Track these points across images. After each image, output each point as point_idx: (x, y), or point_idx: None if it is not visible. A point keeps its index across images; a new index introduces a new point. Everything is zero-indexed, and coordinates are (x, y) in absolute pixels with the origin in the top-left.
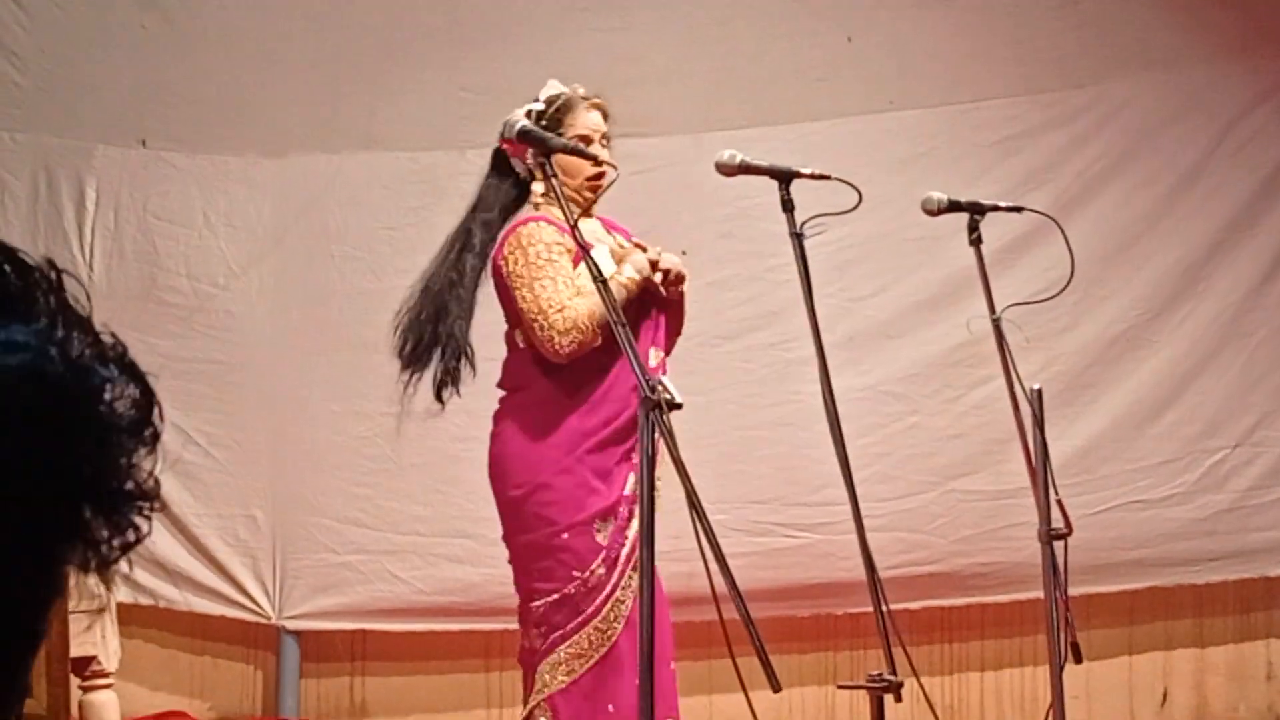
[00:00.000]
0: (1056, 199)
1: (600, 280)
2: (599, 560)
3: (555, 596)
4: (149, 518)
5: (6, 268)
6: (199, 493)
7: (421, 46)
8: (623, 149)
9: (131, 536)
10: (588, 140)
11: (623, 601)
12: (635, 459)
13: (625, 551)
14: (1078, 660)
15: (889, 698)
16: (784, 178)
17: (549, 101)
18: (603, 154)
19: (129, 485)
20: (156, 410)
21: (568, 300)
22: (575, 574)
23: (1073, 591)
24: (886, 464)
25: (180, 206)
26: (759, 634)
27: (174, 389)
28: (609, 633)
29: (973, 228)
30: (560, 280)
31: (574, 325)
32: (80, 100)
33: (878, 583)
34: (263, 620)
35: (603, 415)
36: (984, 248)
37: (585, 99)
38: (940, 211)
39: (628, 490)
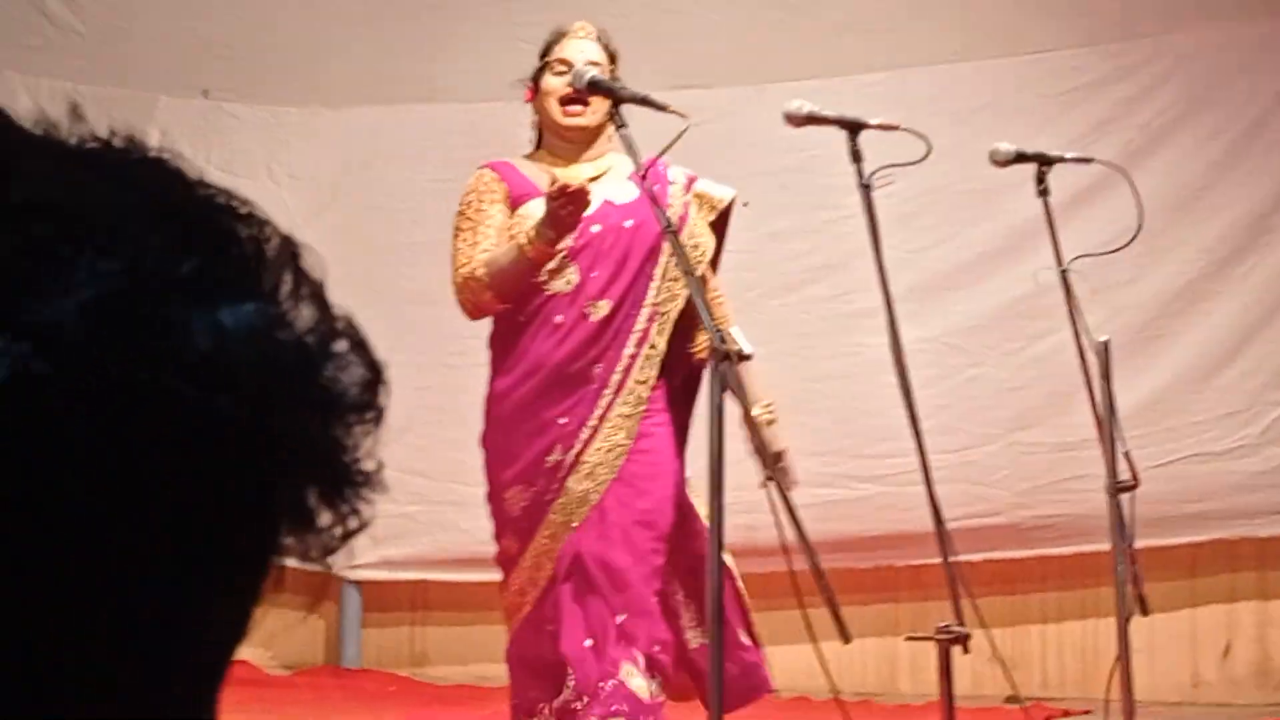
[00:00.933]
0: (1121, 150)
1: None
2: (511, 535)
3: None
4: (371, 502)
5: (242, 233)
6: None
7: None
8: (683, 100)
9: (354, 523)
10: (567, 64)
11: (539, 570)
12: (563, 423)
13: (540, 525)
14: (1145, 612)
15: (955, 649)
16: (852, 128)
17: (547, 38)
18: (672, 103)
19: (353, 468)
20: (384, 389)
21: (467, 258)
22: (500, 541)
23: (1137, 544)
24: (948, 416)
25: (242, 157)
26: (830, 586)
27: None
28: (527, 597)
29: (1040, 179)
30: (473, 234)
31: (463, 283)
32: (143, 51)
33: (945, 535)
34: (324, 570)
35: (516, 376)
36: (1050, 199)
37: (578, 32)
38: (1008, 163)
39: (550, 460)
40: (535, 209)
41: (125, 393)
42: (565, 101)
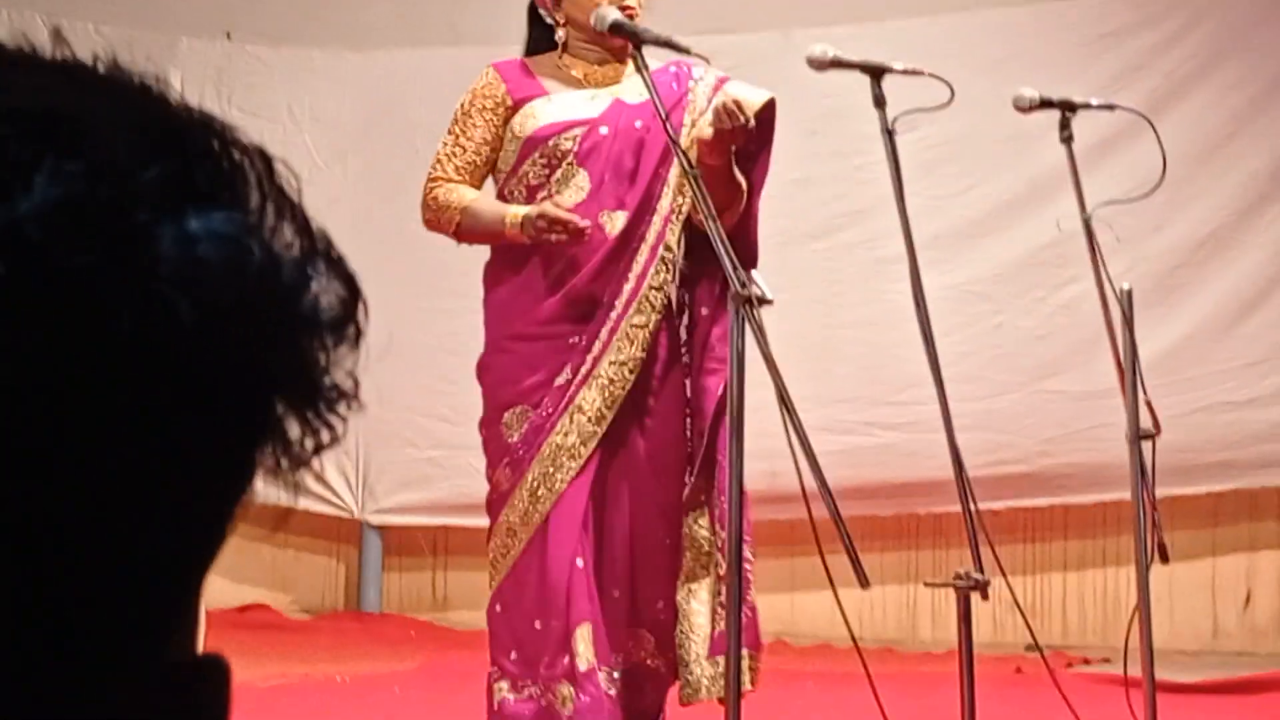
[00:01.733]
0: (1146, 99)
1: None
2: (504, 464)
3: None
4: (345, 418)
5: (216, 147)
6: None
7: None
8: (710, 45)
9: (325, 437)
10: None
11: (536, 503)
12: (577, 342)
13: (533, 453)
14: (1165, 561)
15: (975, 596)
16: (876, 73)
17: None
18: (692, 45)
19: (326, 383)
20: (361, 308)
21: (441, 170)
22: (488, 473)
23: (1158, 493)
24: (972, 364)
25: (265, 100)
26: (849, 532)
27: None
28: (518, 537)
29: (1064, 125)
30: (454, 142)
31: (430, 202)
32: None
33: (966, 482)
34: (346, 515)
35: (528, 292)
36: (1074, 146)
37: None
38: (1032, 108)
39: (559, 380)
40: (537, 112)
41: (83, 294)
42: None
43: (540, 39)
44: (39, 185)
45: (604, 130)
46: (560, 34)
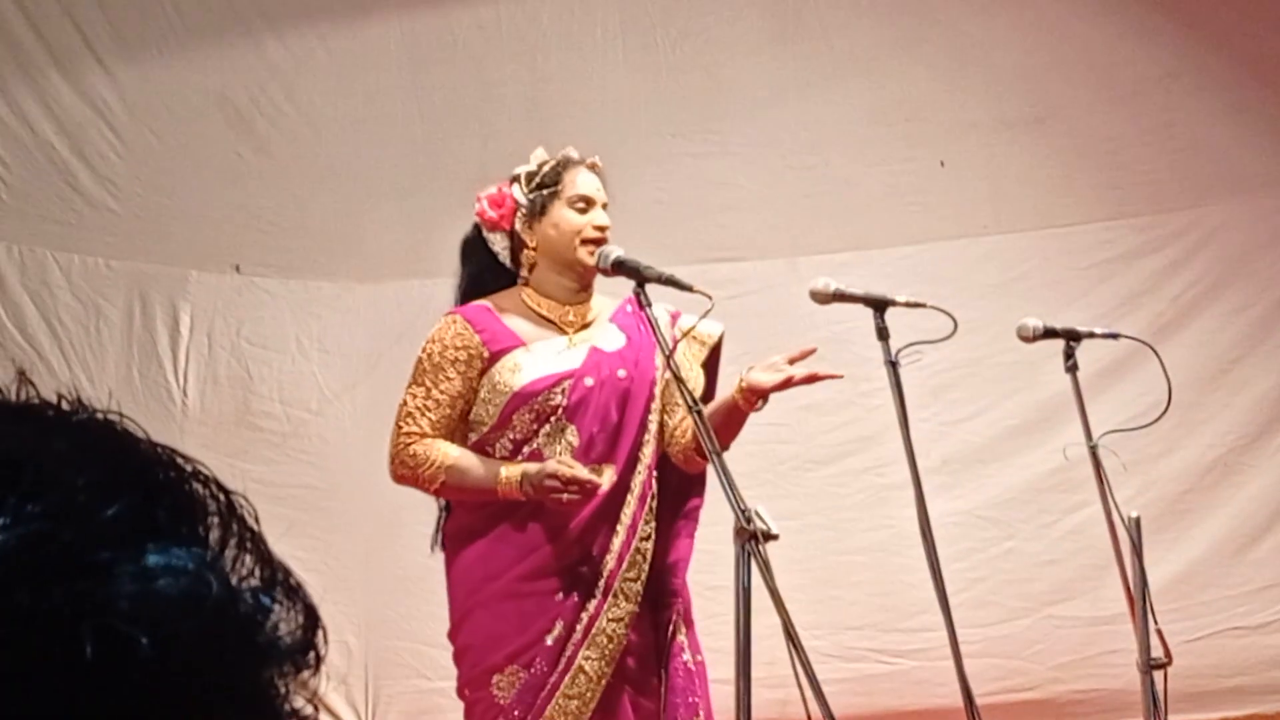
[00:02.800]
0: (1151, 323)
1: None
2: None
3: None
4: None
5: (177, 482)
6: None
7: (513, 172)
8: (716, 273)
9: None
10: (588, 202)
11: None
12: (565, 598)
13: (534, 716)
14: None
15: None
16: (879, 306)
17: (542, 163)
18: (696, 282)
19: (285, 710)
20: (320, 633)
21: (414, 425)
22: None
23: (1170, 719)
24: (982, 589)
25: (274, 332)
26: None
27: (267, 514)
28: None
29: (1069, 354)
30: (425, 395)
31: (402, 450)
32: (174, 226)
33: (975, 713)
34: None
35: (509, 550)
36: (1079, 372)
37: (586, 162)
38: (1036, 338)
39: (550, 639)
40: (521, 365)
41: (45, 632)
42: (589, 242)
43: (485, 274)
44: (0, 527)
45: (589, 382)
46: (525, 259)
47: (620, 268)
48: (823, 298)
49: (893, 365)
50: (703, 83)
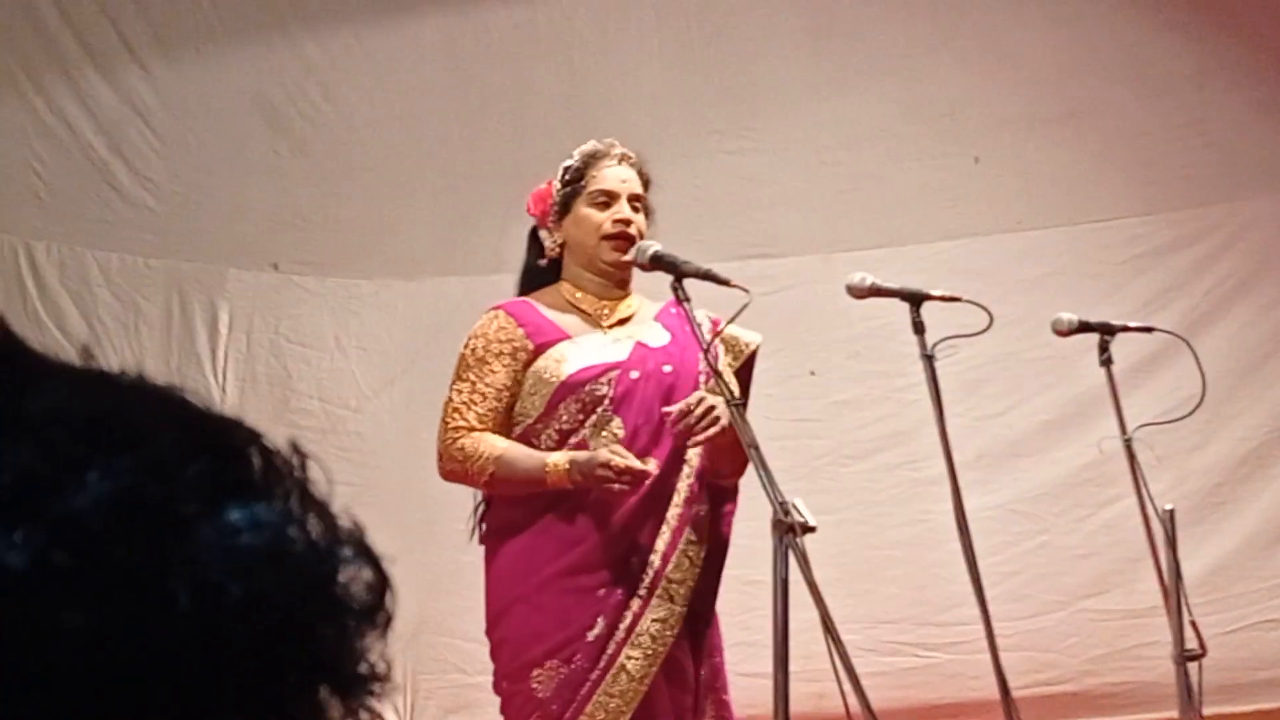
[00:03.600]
0: (1185, 317)
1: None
2: (534, 718)
3: None
4: (381, 700)
5: (251, 448)
6: None
7: (549, 170)
8: (752, 269)
9: (363, 718)
10: (610, 196)
11: None
12: (608, 594)
13: (573, 712)
14: None
15: None
16: (915, 300)
17: (578, 157)
18: (734, 277)
19: (363, 668)
20: (390, 594)
21: (461, 420)
22: None
23: (1205, 711)
24: (1016, 583)
25: (312, 329)
26: None
27: None
28: None
29: (1103, 348)
30: (470, 390)
31: (451, 446)
32: (213, 225)
33: (1011, 706)
34: None
35: (561, 545)
36: (1113, 367)
37: (614, 155)
38: (1070, 332)
39: (592, 635)
40: (567, 356)
41: (143, 581)
42: (611, 238)
43: (534, 268)
44: (92, 481)
45: (634, 375)
46: (551, 249)
47: (658, 262)
48: (859, 293)
49: (928, 359)
50: (737, 80)
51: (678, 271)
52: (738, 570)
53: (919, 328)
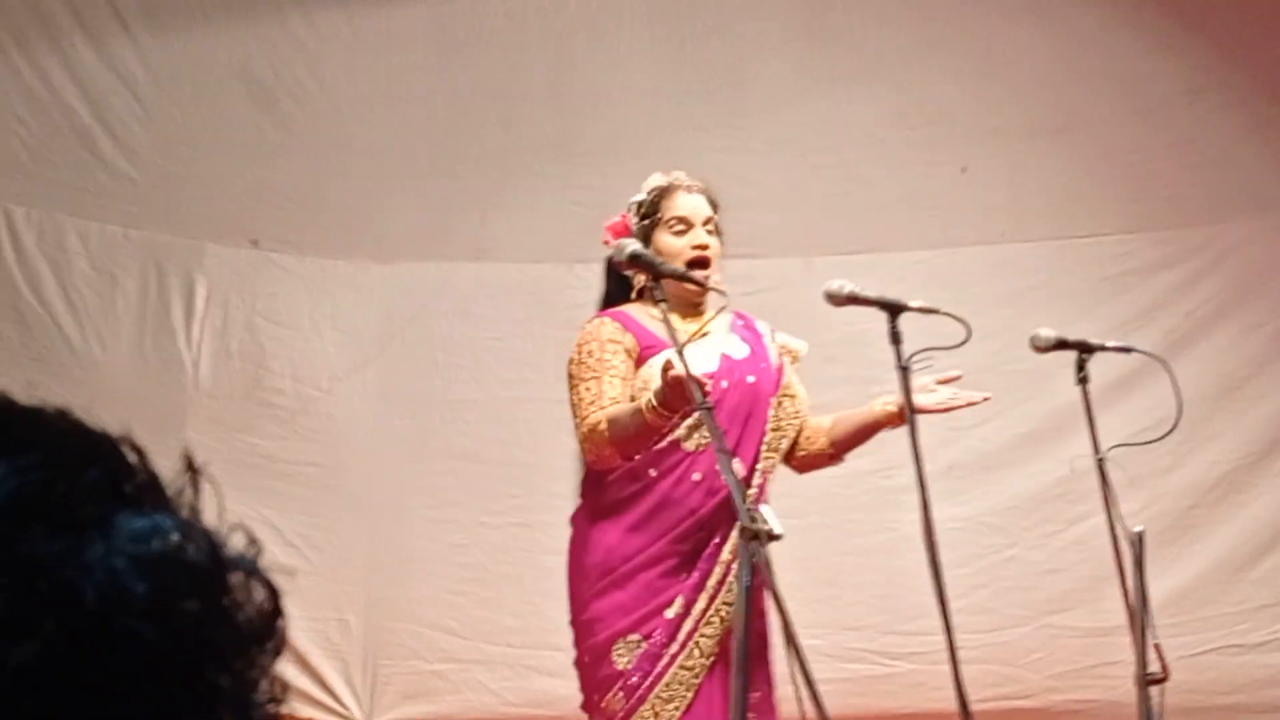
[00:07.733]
0: (1165, 338)
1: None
2: (616, 689)
3: None
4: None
5: (137, 460)
6: (292, 594)
7: (534, 159)
8: (733, 269)
9: None
10: (686, 223)
11: None
12: (686, 578)
13: (651, 681)
14: None
15: None
16: (892, 310)
17: (650, 191)
18: (713, 278)
19: (262, 685)
20: (282, 616)
21: (593, 407)
22: (598, 702)
23: None
24: (983, 595)
25: (288, 308)
26: None
27: (272, 490)
28: None
29: (1080, 367)
30: (596, 383)
31: (589, 433)
32: (193, 198)
33: (969, 717)
34: None
35: (647, 536)
36: (1090, 384)
37: (684, 185)
38: (1049, 349)
39: (671, 613)
40: (655, 367)
41: (53, 575)
42: (694, 264)
43: (615, 293)
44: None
45: (724, 384)
46: (638, 281)
47: (636, 261)
48: (837, 300)
49: (904, 370)
50: (727, 78)
51: (655, 271)
52: None
53: (895, 338)
